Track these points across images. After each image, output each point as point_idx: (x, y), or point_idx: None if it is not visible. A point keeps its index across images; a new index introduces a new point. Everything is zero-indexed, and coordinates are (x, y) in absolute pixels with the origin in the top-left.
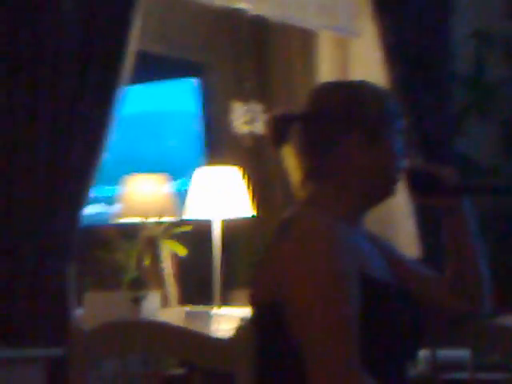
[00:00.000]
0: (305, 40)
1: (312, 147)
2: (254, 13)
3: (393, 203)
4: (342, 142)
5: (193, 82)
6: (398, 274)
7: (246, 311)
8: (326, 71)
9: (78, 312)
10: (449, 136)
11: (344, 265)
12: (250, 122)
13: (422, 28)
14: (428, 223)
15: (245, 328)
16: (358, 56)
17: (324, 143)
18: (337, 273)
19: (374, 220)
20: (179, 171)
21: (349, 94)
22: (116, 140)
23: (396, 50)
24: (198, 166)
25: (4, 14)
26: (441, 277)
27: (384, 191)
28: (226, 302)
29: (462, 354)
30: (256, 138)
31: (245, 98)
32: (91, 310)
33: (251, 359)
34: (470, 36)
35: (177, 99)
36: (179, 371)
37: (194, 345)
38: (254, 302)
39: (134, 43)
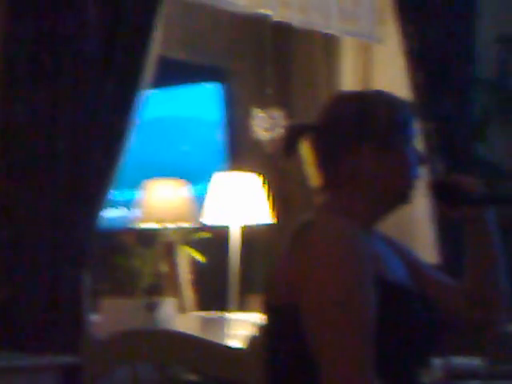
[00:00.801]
0: (327, 46)
1: (325, 157)
2: (277, 19)
3: (412, 209)
4: (354, 151)
5: (214, 88)
6: (415, 278)
7: (262, 317)
8: (349, 77)
9: (94, 318)
10: (470, 142)
11: (361, 269)
12: (271, 128)
13: (444, 33)
14: (447, 230)
15: (257, 337)
16: (380, 62)
17: (336, 153)
18: (354, 277)
19: (392, 225)
20: (199, 177)
21: (361, 104)
22: (138, 144)
23: (418, 55)
24: (218, 171)
25: (25, 21)
26: (458, 285)
27: (398, 198)
28: (242, 308)
29: (476, 362)
30: (276, 145)
31: (266, 104)
32: (107, 317)
33: (263, 369)
34: (494, 41)
35: (198, 104)
36: (192, 378)
37: (207, 354)
38: (268, 307)
39: (156, 49)
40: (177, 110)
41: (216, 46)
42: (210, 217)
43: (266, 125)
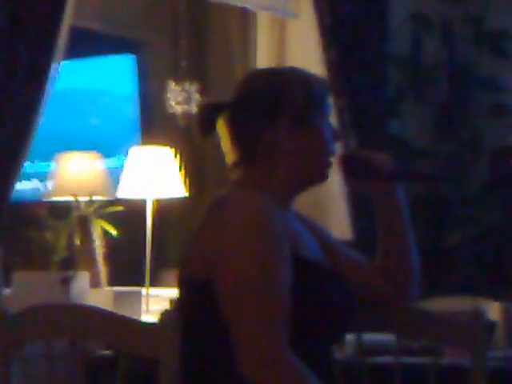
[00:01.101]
0: (243, 20)
1: (241, 133)
2: None
3: (325, 185)
4: (270, 128)
5: (128, 60)
6: (328, 255)
7: (176, 291)
8: (264, 52)
9: (6, 292)
10: (383, 118)
11: (277, 246)
12: (185, 102)
13: (358, 10)
14: (360, 206)
15: (171, 312)
16: (295, 38)
17: (252, 129)
18: (269, 254)
19: (306, 202)
20: (110, 150)
21: (275, 80)
22: (48, 115)
23: (332, 31)
24: (132, 145)
25: None
26: (371, 261)
27: (314, 176)
28: (157, 282)
29: (388, 338)
30: (190, 119)
31: (180, 77)
32: (19, 291)
33: (176, 344)
34: (408, 18)
35: (111, 77)
36: (106, 353)
37: (119, 329)
38: (183, 281)
39: (69, 19)
40: (88, 81)
41: (130, 17)
42: (125, 190)
43: (180, 98)
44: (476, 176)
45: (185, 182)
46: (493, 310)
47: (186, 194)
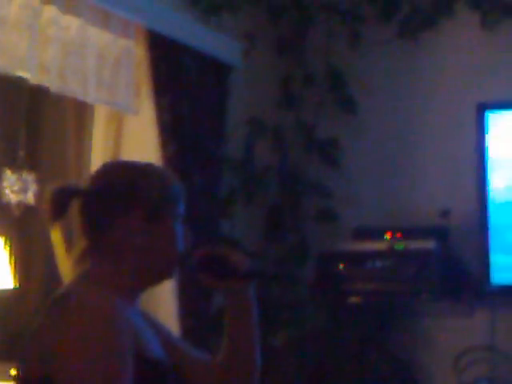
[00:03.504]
0: (79, 113)
1: (91, 223)
2: (35, 82)
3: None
4: (121, 221)
5: None
6: (168, 352)
7: None
8: (99, 146)
9: None
10: (216, 218)
11: (120, 345)
12: (21, 191)
13: (197, 109)
14: (189, 302)
15: None
16: (132, 133)
17: (103, 220)
18: (112, 350)
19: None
20: None
21: (131, 173)
22: None
23: (171, 129)
24: None
25: None
26: (210, 359)
27: (162, 272)
28: None
29: None
30: (25, 208)
31: (17, 166)
32: None
33: None
34: (245, 122)
35: None
36: None
37: None
38: (21, 377)
39: None
40: None
41: None
42: None
43: (16, 187)
44: (303, 279)
45: (13, 273)
46: None
47: (14, 285)
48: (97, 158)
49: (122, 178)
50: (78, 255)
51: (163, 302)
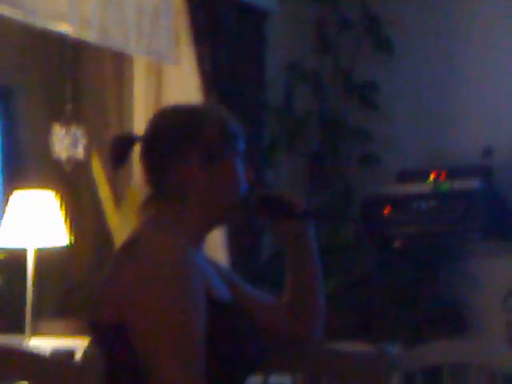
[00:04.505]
0: (119, 65)
1: (152, 168)
2: (75, 36)
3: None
4: (182, 163)
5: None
6: (235, 296)
7: (56, 342)
8: (141, 98)
9: None
10: (259, 167)
11: (192, 288)
12: (70, 146)
13: (237, 58)
14: (238, 241)
15: (89, 352)
16: (173, 83)
17: (163, 164)
18: (185, 297)
19: None
20: None
21: (187, 115)
22: None
23: (211, 78)
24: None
25: None
26: (276, 301)
27: (226, 213)
28: (36, 332)
29: (297, 378)
30: (75, 163)
31: (65, 121)
32: None
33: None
34: (284, 68)
35: None
36: None
37: (38, 368)
38: (95, 325)
39: None
40: None
41: (2, 61)
42: (5, 240)
43: (65, 142)
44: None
45: (67, 230)
46: None
47: (68, 243)
48: (139, 110)
49: (178, 120)
50: (142, 202)
51: (214, 254)
